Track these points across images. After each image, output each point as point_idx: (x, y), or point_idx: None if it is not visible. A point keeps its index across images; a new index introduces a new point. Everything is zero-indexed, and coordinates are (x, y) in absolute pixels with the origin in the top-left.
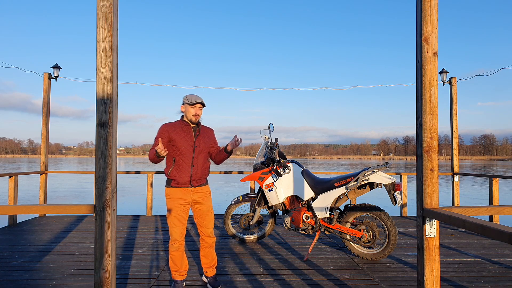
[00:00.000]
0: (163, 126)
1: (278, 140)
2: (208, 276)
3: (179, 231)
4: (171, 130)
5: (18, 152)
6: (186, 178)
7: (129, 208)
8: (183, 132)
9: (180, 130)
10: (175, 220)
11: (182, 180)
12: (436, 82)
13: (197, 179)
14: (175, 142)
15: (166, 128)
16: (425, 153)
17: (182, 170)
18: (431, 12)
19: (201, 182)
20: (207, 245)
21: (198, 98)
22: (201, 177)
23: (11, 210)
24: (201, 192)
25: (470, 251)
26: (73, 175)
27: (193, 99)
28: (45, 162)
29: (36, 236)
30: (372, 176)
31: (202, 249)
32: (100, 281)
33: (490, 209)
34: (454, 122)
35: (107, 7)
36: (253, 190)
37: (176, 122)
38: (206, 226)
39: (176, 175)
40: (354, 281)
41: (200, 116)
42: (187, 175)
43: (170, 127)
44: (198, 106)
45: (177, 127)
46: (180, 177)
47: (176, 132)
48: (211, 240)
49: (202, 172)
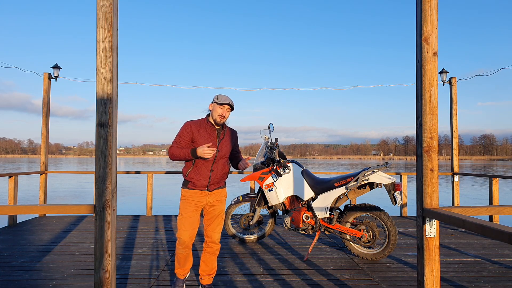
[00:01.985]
0: (187, 124)
1: (278, 140)
2: (203, 284)
3: (189, 235)
4: (195, 129)
5: (18, 152)
6: (204, 182)
7: (129, 208)
8: (207, 133)
9: (204, 130)
10: (187, 223)
11: (200, 184)
12: (436, 82)
13: (214, 183)
14: (197, 143)
15: (190, 126)
16: (425, 153)
17: (201, 173)
18: (431, 12)
19: (218, 186)
20: (211, 251)
21: (229, 99)
22: (219, 181)
23: (11, 210)
24: (218, 195)
25: (470, 251)
26: (73, 175)
27: (222, 99)
28: (45, 162)
29: (36, 236)
30: (372, 176)
31: (204, 254)
32: (100, 281)
33: (490, 209)
34: (454, 122)
35: (107, 7)
36: (253, 190)
37: (201, 121)
38: (213, 230)
39: (194, 177)
40: (354, 281)
41: (226, 118)
42: (205, 179)
43: (195, 126)
44: (226, 108)
45: (201, 127)
46: (198, 180)
47: (200, 133)
48: (215, 247)
49: (220, 177)
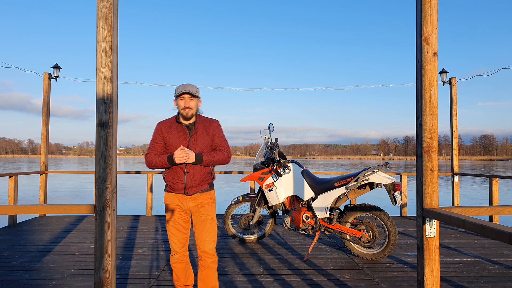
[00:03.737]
0: (157, 126)
1: (278, 140)
2: None
3: (178, 241)
4: (164, 129)
5: (18, 152)
6: (181, 185)
7: (129, 208)
8: (177, 132)
9: (174, 129)
10: (173, 228)
11: (177, 187)
12: (436, 82)
13: (193, 186)
14: (168, 144)
15: (160, 128)
16: (425, 153)
17: (177, 176)
18: (431, 12)
19: (200, 189)
20: (205, 264)
21: (187, 87)
22: (199, 183)
23: (11, 210)
24: (200, 198)
25: (470, 251)
26: (73, 175)
27: (179, 90)
28: (45, 162)
29: (36, 236)
30: (372, 176)
31: (200, 271)
32: (100, 281)
33: (490, 209)
34: (454, 122)
35: (107, 7)
36: (253, 190)
37: (171, 119)
38: (203, 239)
39: (171, 180)
40: (354, 281)
41: (193, 108)
42: (181, 182)
43: (164, 126)
44: (187, 97)
45: (172, 126)
46: (175, 183)
47: (170, 133)
48: (210, 259)
49: (200, 178)
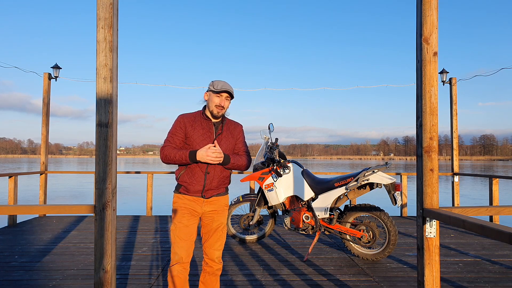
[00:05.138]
0: (180, 117)
1: (278, 140)
2: None
3: (184, 250)
4: (188, 123)
5: (18, 152)
6: (198, 187)
7: (129, 208)
8: (202, 128)
9: (199, 125)
10: (181, 234)
11: (193, 189)
12: (436, 82)
13: (211, 189)
14: (190, 139)
15: (183, 120)
16: (425, 153)
17: (195, 176)
18: (431, 12)
19: (217, 192)
20: (210, 270)
21: (227, 85)
22: (217, 186)
23: (11, 210)
24: (216, 204)
25: (470, 251)
26: (73, 175)
27: (219, 86)
28: (45, 162)
29: (36, 236)
30: (372, 176)
31: (203, 275)
32: (100, 281)
33: (490, 209)
34: (454, 122)
35: (107, 7)
36: (253, 190)
37: (196, 114)
38: (211, 247)
39: (187, 181)
40: (354, 281)
41: (225, 109)
42: (200, 184)
43: (188, 120)
44: (225, 96)
45: (196, 120)
46: (191, 184)
47: (194, 128)
48: (215, 267)
49: (219, 181)
